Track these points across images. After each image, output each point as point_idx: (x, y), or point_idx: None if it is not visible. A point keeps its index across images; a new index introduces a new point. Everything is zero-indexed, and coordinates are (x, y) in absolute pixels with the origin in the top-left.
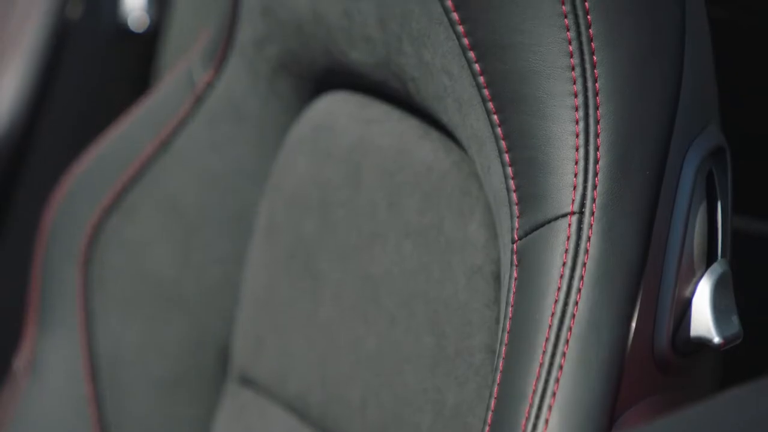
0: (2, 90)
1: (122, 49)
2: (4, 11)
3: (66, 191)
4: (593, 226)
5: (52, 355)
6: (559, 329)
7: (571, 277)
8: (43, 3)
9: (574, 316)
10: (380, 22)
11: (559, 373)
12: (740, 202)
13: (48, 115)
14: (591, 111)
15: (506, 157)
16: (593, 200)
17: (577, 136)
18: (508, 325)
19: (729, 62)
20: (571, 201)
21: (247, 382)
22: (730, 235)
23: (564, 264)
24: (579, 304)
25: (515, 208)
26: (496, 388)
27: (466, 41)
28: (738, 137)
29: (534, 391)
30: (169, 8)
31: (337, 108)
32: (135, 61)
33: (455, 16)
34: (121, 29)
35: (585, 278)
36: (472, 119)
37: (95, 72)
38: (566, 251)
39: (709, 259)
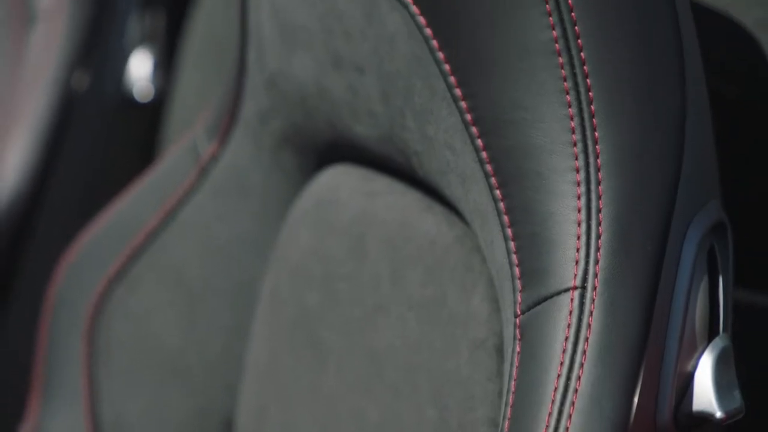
0: (8, 160)
1: (127, 119)
2: (10, 80)
3: (72, 261)
4: (595, 300)
5: (56, 424)
6: (562, 403)
7: (574, 352)
8: (49, 73)
9: (576, 390)
10: (384, 97)
11: None
12: (741, 275)
13: (54, 185)
14: (593, 186)
15: (509, 231)
16: (595, 275)
17: (579, 211)
18: (510, 399)
19: (729, 136)
20: (573, 276)
21: None
22: (731, 310)
23: (566, 338)
24: (581, 378)
25: (518, 283)
26: None
27: (468, 117)
28: (738, 211)
29: None
30: (174, 79)
31: (340, 181)
32: (140, 130)
33: (458, 92)
34: (126, 99)
35: (587, 352)
36: (475, 194)
37: (101, 142)
38: (569, 326)
39: (711, 333)
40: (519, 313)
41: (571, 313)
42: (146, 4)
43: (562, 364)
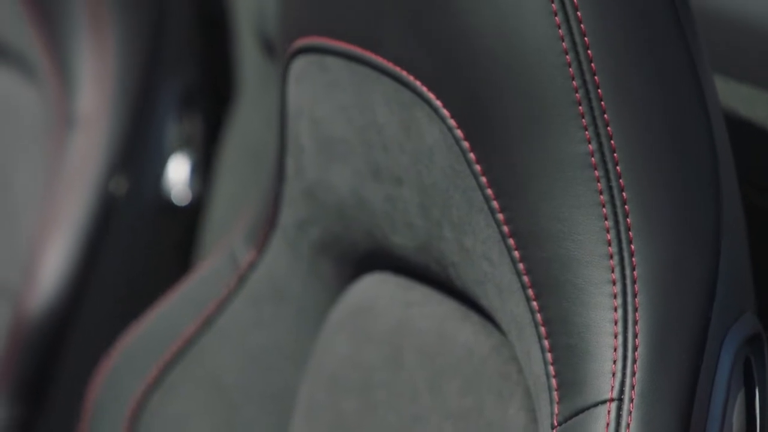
0: (47, 264)
1: (165, 223)
2: (50, 185)
3: (110, 367)
4: (632, 413)
5: None
6: None
7: None
8: (88, 178)
9: None
10: (422, 209)
11: None
12: None
13: (93, 289)
14: (629, 299)
15: (546, 342)
16: (632, 387)
17: (616, 323)
18: None
19: (762, 246)
20: (610, 388)
21: None
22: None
23: None
24: None
25: (555, 394)
26: None
27: (505, 229)
28: None
29: None
30: (211, 183)
31: (377, 290)
32: (178, 233)
33: (495, 204)
34: (165, 204)
35: None
36: (512, 304)
37: (139, 246)
38: None
39: None
40: (556, 424)
41: (608, 425)
42: (184, 109)
43: None
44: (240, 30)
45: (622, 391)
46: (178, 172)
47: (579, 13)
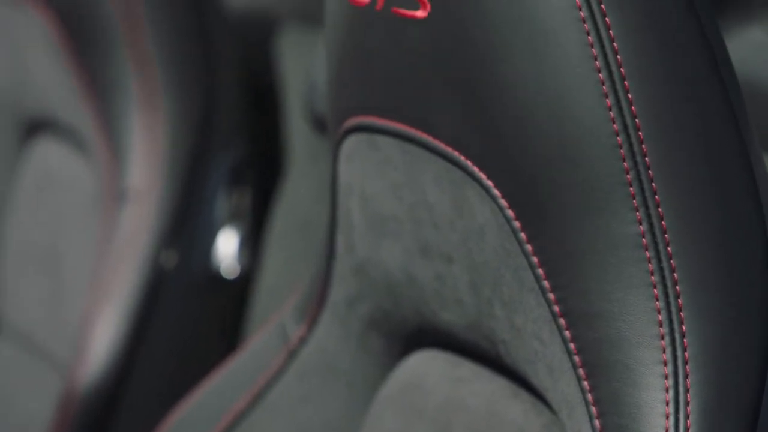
0: (97, 337)
1: (215, 296)
2: (101, 258)
3: None
4: None
5: None
6: None
7: None
8: (138, 251)
9: None
10: (472, 287)
11: None
12: None
13: (142, 362)
14: (680, 379)
15: (597, 422)
16: None
17: (667, 404)
18: None
19: None
20: None
21: None
22: None
23: None
24: None
25: None
26: None
27: (556, 308)
28: None
29: None
30: (260, 256)
31: (426, 366)
32: (227, 307)
33: (546, 283)
34: (214, 276)
35: None
36: (563, 384)
37: (189, 319)
38: None
39: None
40: None
41: None
42: (234, 182)
43: None
44: (289, 104)
45: None
46: (227, 245)
47: (630, 95)
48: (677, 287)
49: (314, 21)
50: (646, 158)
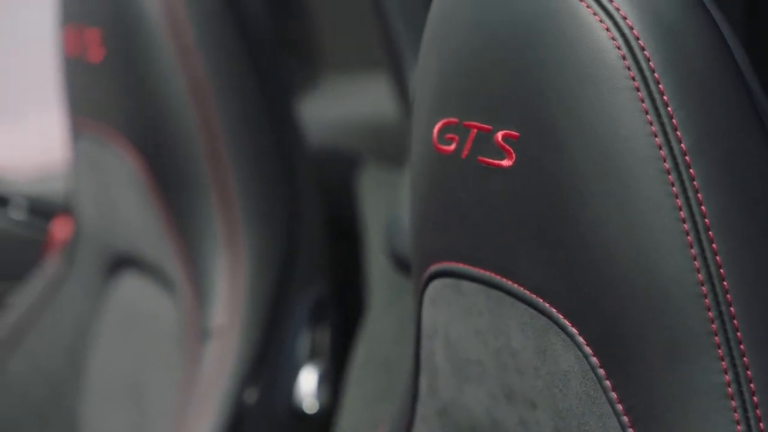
0: None
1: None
2: (184, 395)
3: None
4: None
5: None
6: None
7: None
8: (221, 388)
9: None
10: None
11: None
12: None
13: None
14: None
15: None
16: None
17: None
18: None
19: None
20: None
21: None
22: None
23: None
24: None
25: None
26: None
27: None
28: None
29: None
30: (341, 392)
31: None
32: None
33: (631, 431)
34: (295, 413)
35: None
36: None
37: None
38: None
39: None
40: None
41: None
42: (314, 320)
43: None
44: (370, 241)
45: None
46: (308, 381)
47: (714, 245)
48: None
49: (394, 159)
50: (731, 308)
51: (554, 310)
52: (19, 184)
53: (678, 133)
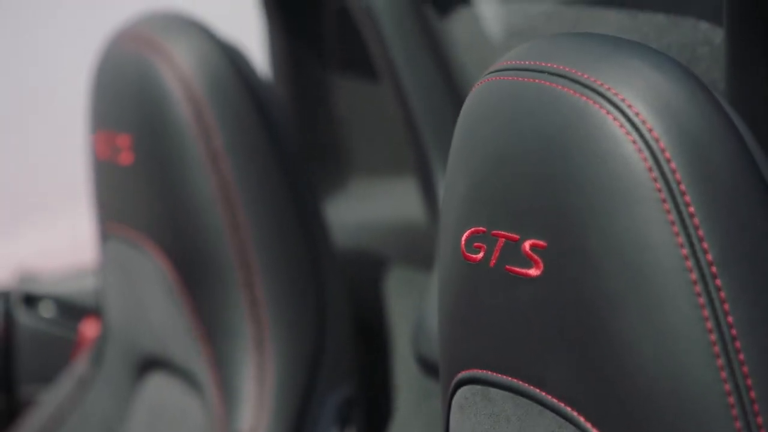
0: None
1: None
2: None
3: None
4: None
5: None
6: None
7: None
8: None
9: None
10: None
11: None
12: None
13: None
14: None
15: None
16: None
17: None
18: None
19: None
20: None
21: None
22: None
23: None
24: None
25: None
26: None
27: None
28: None
29: None
30: None
31: None
32: None
33: None
34: None
35: None
36: None
37: None
38: None
39: None
40: None
41: None
42: (341, 422)
43: None
44: (396, 344)
45: None
46: None
47: (741, 355)
48: None
49: (421, 262)
50: (758, 417)
51: (582, 419)
52: (49, 283)
53: (704, 244)
